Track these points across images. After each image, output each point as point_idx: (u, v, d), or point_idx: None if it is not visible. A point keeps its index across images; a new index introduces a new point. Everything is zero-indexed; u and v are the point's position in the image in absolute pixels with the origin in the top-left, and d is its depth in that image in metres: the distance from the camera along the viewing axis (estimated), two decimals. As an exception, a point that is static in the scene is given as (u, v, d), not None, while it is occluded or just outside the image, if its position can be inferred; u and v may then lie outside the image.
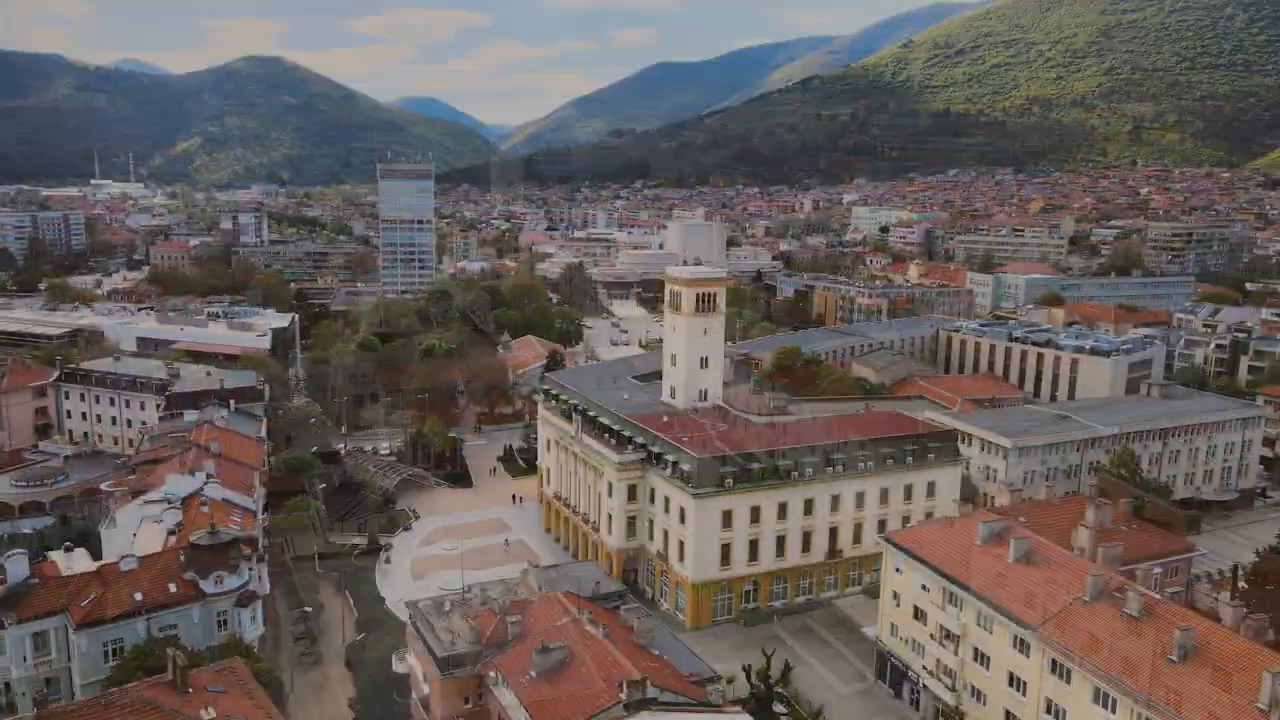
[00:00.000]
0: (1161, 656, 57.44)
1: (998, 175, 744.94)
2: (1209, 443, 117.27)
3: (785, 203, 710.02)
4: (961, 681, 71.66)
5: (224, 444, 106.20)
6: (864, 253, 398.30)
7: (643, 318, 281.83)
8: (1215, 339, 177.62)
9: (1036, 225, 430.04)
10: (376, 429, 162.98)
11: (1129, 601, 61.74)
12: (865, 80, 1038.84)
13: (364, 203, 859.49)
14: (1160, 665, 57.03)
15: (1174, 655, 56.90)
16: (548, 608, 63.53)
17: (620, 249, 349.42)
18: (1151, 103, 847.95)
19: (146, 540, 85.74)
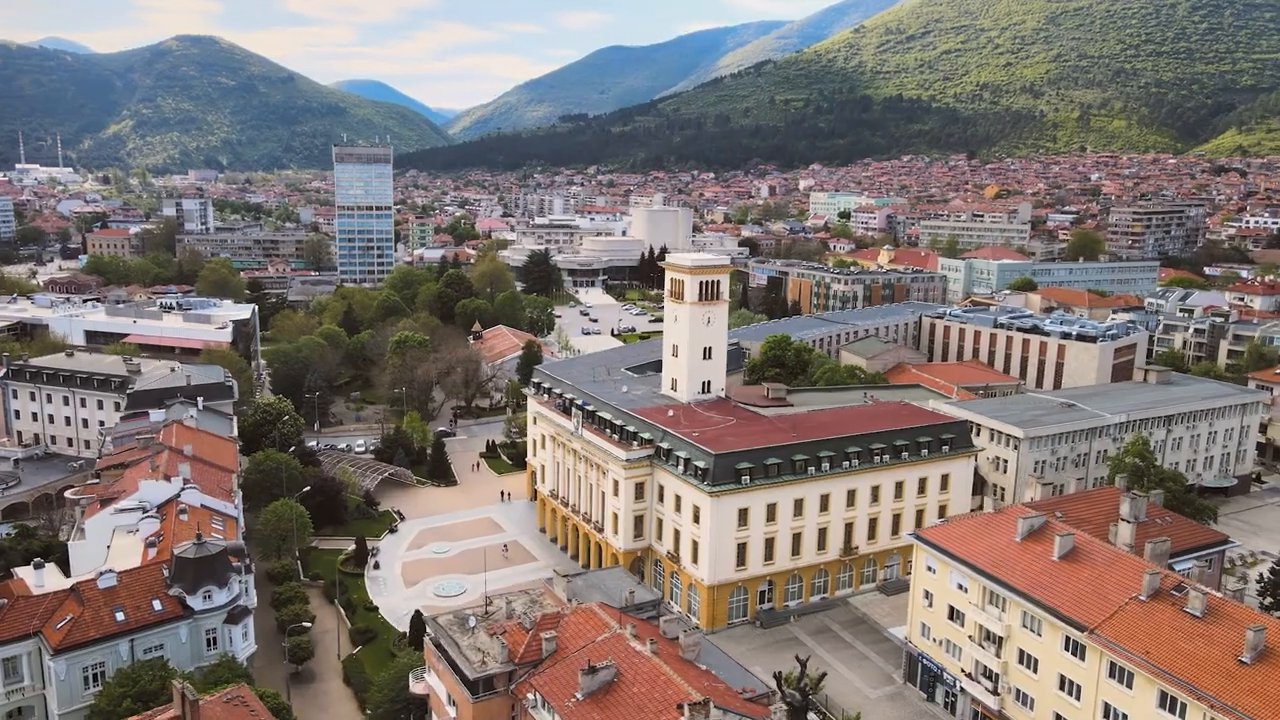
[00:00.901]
0: (1233, 658, 55.46)
1: (951, 161, 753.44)
2: (1210, 429, 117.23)
3: (742, 188, 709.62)
4: (1005, 685, 69.29)
5: (196, 446, 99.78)
6: (826, 238, 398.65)
7: (611, 306, 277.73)
8: (1194, 323, 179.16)
9: (995, 211, 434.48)
10: (348, 425, 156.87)
11: (1190, 600, 59.72)
12: (818, 65, 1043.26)
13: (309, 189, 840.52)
14: (1233, 667, 55.03)
15: (1245, 656, 54.94)
16: (583, 621, 59.48)
17: (583, 236, 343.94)
18: (1098, 89, 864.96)
19: (122, 553, 79.67)
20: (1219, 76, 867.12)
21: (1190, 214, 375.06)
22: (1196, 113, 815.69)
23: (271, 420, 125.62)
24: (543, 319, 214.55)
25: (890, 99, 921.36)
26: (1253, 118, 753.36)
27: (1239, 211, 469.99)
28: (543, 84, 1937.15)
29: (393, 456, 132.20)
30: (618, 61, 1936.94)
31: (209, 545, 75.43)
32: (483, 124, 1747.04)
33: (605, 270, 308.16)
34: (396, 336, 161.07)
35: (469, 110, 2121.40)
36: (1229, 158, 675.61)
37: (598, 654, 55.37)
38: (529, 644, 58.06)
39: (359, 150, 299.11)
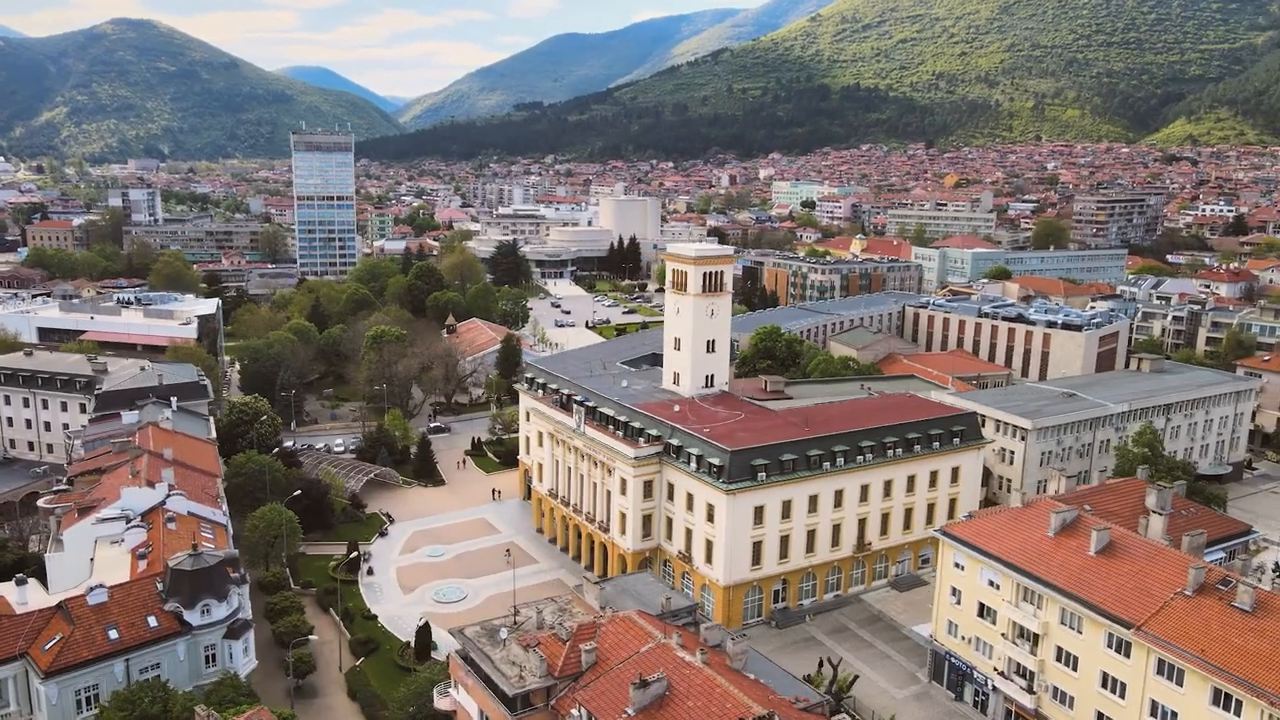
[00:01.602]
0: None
1: (910, 150, 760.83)
2: (1206, 416, 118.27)
3: (702, 177, 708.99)
4: (1041, 683, 68.39)
5: (175, 449, 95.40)
6: (793, 227, 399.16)
7: (582, 297, 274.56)
8: (1172, 311, 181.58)
9: (958, 200, 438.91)
10: (323, 424, 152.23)
11: (1238, 594, 59.15)
12: (775, 54, 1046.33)
13: (257, 178, 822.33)
14: (1290, 663, 54.47)
15: (1302, 652, 54.42)
16: (622, 630, 57.06)
17: (550, 226, 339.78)
18: (1051, 79, 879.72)
19: (108, 566, 75.36)
20: (1168, 67, 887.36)
21: (1150, 202, 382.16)
22: (1147, 102, 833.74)
23: (248, 420, 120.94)
24: (517, 311, 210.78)
25: (848, 88, 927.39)
26: (1201, 107, 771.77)
27: (1192, 200, 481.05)
28: (495, 72, 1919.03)
29: (376, 456, 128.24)
30: (571, 49, 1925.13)
31: (206, 556, 71.68)
32: (434, 112, 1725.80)
33: (574, 261, 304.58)
34: (372, 331, 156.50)
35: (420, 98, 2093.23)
36: (1180, 147, 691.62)
37: (644, 665, 53.02)
38: (567, 656, 55.49)
39: (318, 138, 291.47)
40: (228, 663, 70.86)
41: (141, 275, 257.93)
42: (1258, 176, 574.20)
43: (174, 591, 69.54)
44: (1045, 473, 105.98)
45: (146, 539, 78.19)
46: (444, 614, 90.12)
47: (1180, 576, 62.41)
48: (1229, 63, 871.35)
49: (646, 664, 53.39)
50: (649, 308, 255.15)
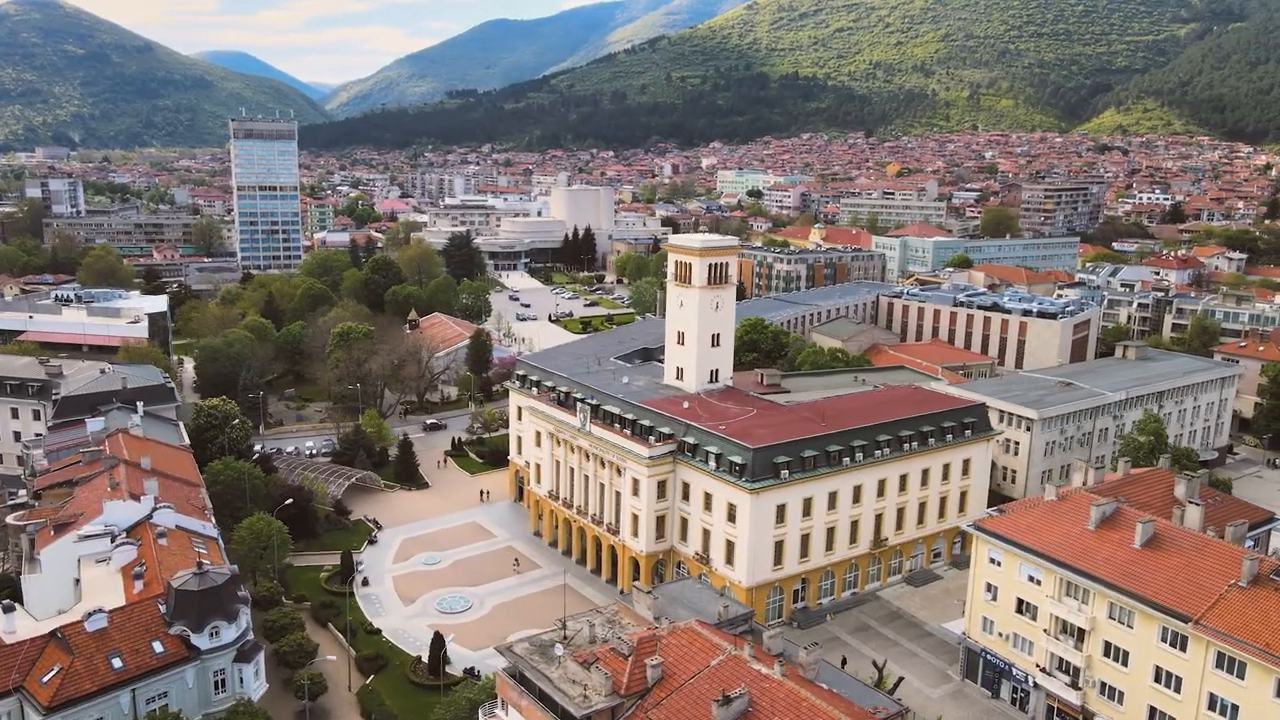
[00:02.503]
0: (1354, 644, 55.25)
1: (850, 139, 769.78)
2: (1194, 402, 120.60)
3: (644, 167, 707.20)
4: (1088, 679, 68.13)
5: (152, 458, 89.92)
6: (744, 216, 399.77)
7: (539, 289, 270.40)
8: (1137, 298, 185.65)
9: (905, 189, 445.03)
10: (289, 426, 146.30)
11: (1295, 585, 59.42)
12: (713, 42, 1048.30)
13: (178, 168, 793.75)
14: (1357, 654, 54.80)
15: (1367, 642, 54.77)
16: (686, 642, 54.73)
17: (500, 217, 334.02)
18: (985, 69, 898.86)
19: (99, 588, 70.39)
20: (1096, 58, 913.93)
21: (1093, 191, 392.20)
22: (1077, 92, 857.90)
23: (217, 424, 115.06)
24: (478, 305, 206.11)
25: (786, 76, 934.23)
26: (1129, 98, 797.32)
27: (1127, 188, 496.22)
28: (424, 58, 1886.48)
29: (353, 459, 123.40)
30: (503, 35, 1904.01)
31: (212, 574, 67.28)
32: (362, 100, 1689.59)
33: (527, 253, 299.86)
34: (338, 328, 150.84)
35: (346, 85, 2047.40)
36: (1111, 136, 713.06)
37: (719, 680, 50.84)
38: (632, 672, 52.94)
39: (259, 125, 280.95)
40: (238, 688, 66.70)
41: (68, 271, 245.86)
42: (1186, 165, 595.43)
43: (179, 614, 65.10)
44: (1049, 463, 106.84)
45: (138, 556, 73.19)
46: (451, 625, 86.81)
47: (1232, 568, 62.55)
48: (1154, 54, 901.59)
49: (721, 678, 51.22)
50: (610, 300, 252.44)
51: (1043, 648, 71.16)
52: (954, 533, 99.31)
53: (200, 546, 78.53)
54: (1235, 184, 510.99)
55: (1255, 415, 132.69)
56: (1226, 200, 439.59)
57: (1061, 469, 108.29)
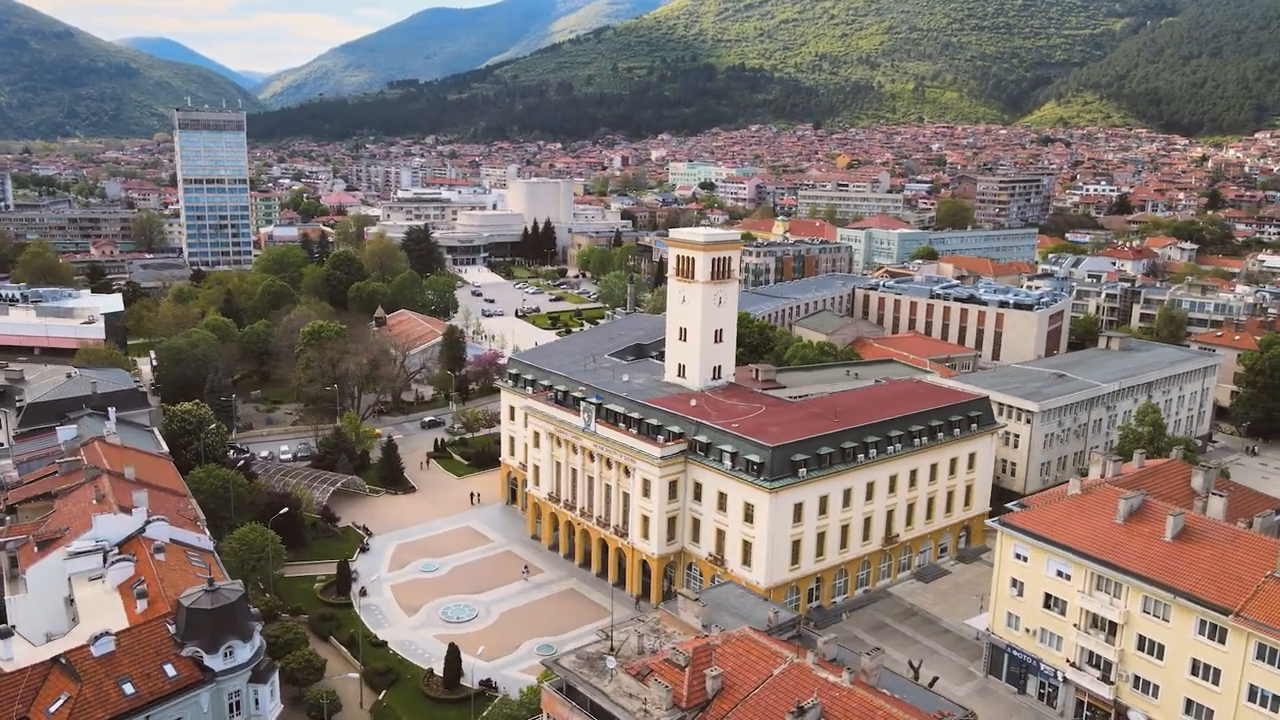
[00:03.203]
0: (1397, 633, 56.18)
1: (798, 130, 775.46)
2: (1180, 392, 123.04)
3: (593, 159, 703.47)
4: (1121, 673, 68.55)
5: (135, 467, 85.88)
6: (700, 209, 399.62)
7: (501, 284, 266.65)
8: (1105, 289, 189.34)
9: (859, 180, 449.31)
10: (259, 429, 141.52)
11: (1332, 575, 60.30)
12: (659, 33, 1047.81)
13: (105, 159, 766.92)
14: (1401, 642, 55.73)
15: None
16: (744, 651, 53.40)
17: (457, 210, 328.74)
18: (929, 61, 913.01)
19: (98, 608, 66.64)
20: (1036, 51, 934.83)
21: (1044, 183, 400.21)
22: (1019, 85, 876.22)
23: (191, 430, 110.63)
24: (444, 301, 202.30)
25: (733, 68, 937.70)
26: (1069, 91, 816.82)
27: (1071, 180, 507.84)
28: (361, 47, 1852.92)
29: (335, 463, 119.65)
30: (442, 24, 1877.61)
31: (224, 591, 63.99)
32: (297, 90, 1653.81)
33: (486, 246, 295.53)
34: (309, 327, 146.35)
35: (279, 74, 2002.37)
36: (1053, 129, 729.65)
37: (785, 690, 49.65)
38: (691, 684, 51.47)
39: (205, 116, 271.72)
40: (254, 710, 63.68)
41: (3, 268, 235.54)
42: (1126, 157, 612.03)
43: (191, 634, 61.76)
44: (1048, 455, 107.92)
45: (135, 573, 69.54)
46: (459, 635, 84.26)
47: (1267, 559, 63.30)
48: (1091, 48, 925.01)
49: (786, 688, 50.04)
50: (575, 294, 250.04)
51: (1072, 642, 71.43)
52: (960, 527, 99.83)
53: (197, 560, 75.12)
54: (1174, 175, 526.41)
55: (1233, 404, 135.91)
56: (1168, 191, 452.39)
57: (1059, 461, 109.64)
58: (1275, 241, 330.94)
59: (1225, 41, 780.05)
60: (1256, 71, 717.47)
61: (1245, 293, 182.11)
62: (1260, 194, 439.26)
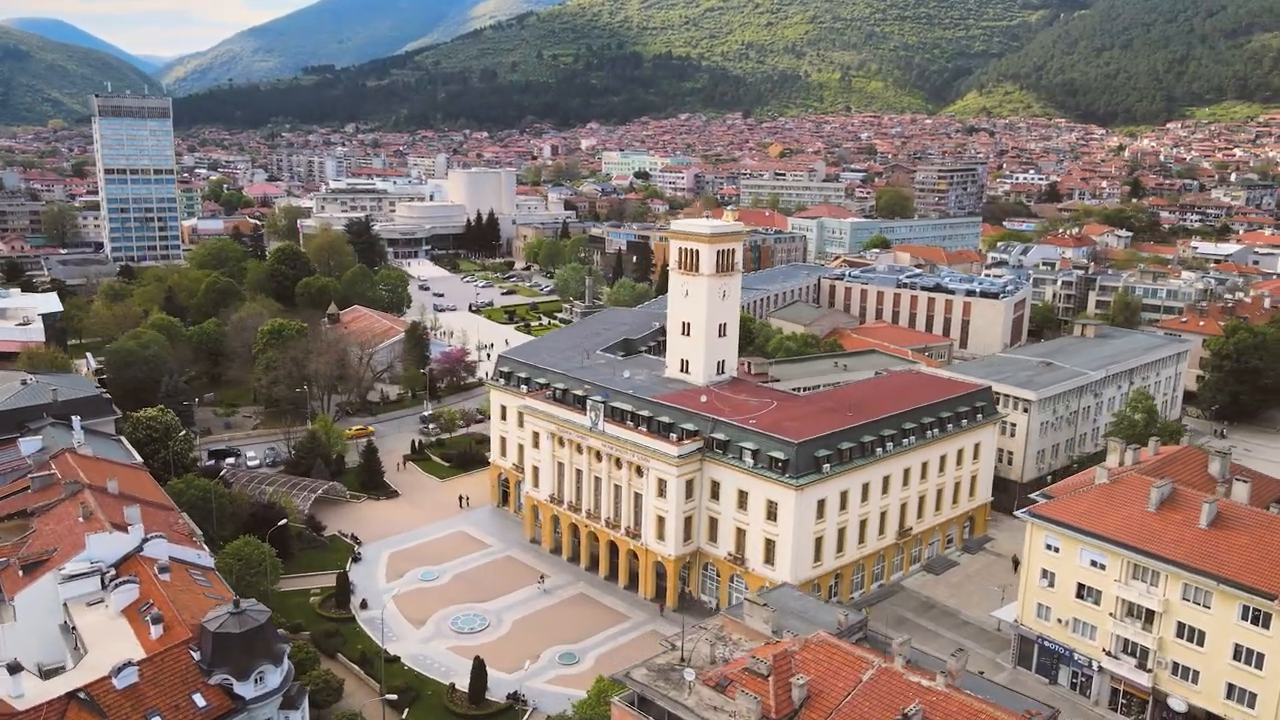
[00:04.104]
0: None
1: (728, 119, 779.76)
2: (1156, 377, 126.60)
3: (521, 148, 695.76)
4: (1159, 660, 69.73)
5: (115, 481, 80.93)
6: (640, 199, 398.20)
7: (447, 278, 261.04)
8: (1061, 276, 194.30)
9: (795, 170, 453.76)
10: (218, 434, 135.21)
11: (1371, 558, 62.15)
12: (583, 19, 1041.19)
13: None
14: None
15: None
16: (824, 656, 52.33)
17: (395, 201, 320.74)
18: (854, 51, 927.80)
19: (105, 636, 62.13)
20: (956, 42, 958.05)
21: (978, 172, 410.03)
22: (941, 75, 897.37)
23: (158, 438, 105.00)
24: (398, 297, 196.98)
25: (660, 56, 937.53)
26: (989, 81, 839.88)
27: (998, 169, 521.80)
28: (271, 31, 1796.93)
29: (310, 468, 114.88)
30: (355, 8, 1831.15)
31: (251, 613, 60.25)
32: (202, 75, 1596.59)
33: (428, 239, 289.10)
34: (268, 325, 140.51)
35: (182, 59, 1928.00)
36: (976, 118, 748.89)
37: (879, 696, 48.78)
38: (777, 694, 50.21)
39: (128, 102, 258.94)
40: (284, 738, 60.23)
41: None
42: (1048, 146, 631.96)
43: (219, 660, 58.04)
44: (1043, 443, 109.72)
45: (142, 596, 65.21)
46: (475, 646, 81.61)
47: (1305, 543, 65.02)
48: (1008, 39, 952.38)
49: (880, 694, 49.17)
50: (528, 287, 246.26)
51: (1108, 631, 72.41)
52: (965, 518, 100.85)
53: (200, 579, 71.09)
54: (1095, 164, 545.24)
55: (1200, 388, 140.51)
56: (1091, 180, 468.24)
57: (1052, 449, 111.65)
58: (1199, 228, 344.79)
59: (1135, 34, 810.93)
60: (1166, 64, 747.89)
61: (1192, 278, 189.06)
62: (1178, 182, 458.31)
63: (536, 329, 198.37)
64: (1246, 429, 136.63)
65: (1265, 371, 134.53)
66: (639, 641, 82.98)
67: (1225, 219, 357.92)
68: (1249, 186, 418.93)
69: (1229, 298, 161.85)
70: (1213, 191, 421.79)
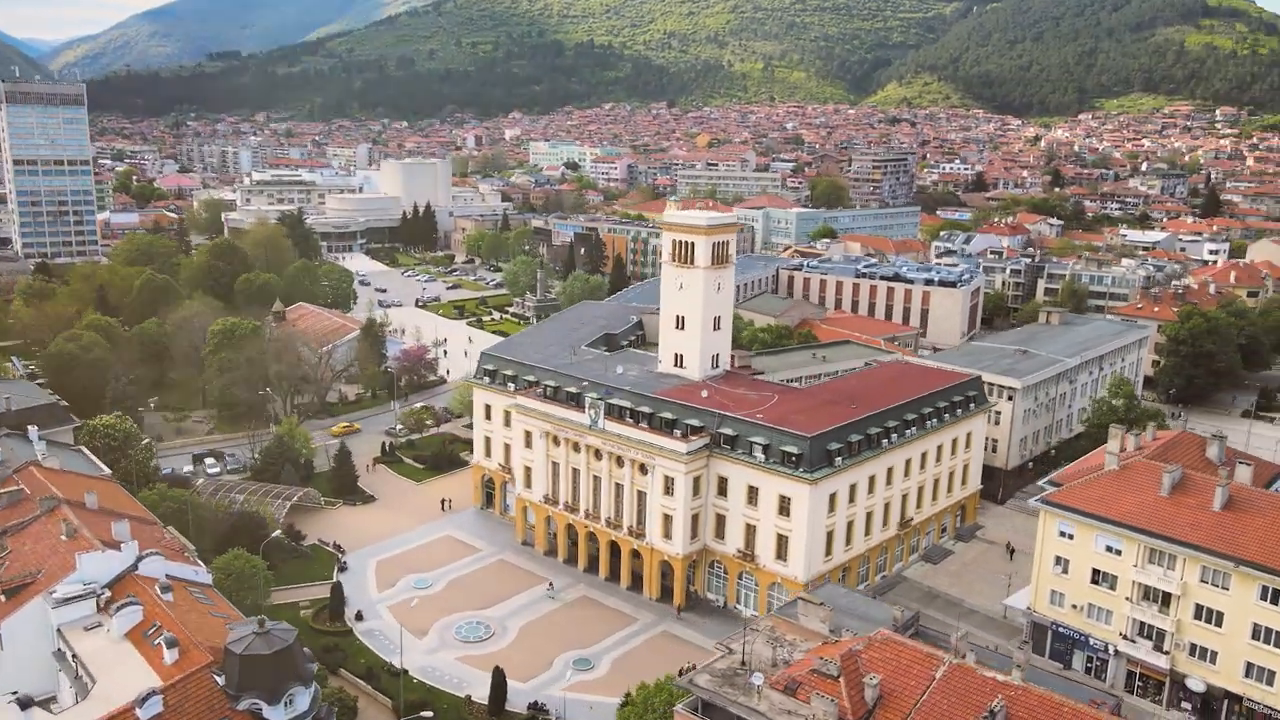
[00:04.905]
0: None
1: (653, 109, 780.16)
2: (1122, 363, 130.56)
3: (443, 138, 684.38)
4: (1176, 642, 71.61)
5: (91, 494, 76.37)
6: (576, 190, 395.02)
7: (386, 272, 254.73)
8: (1009, 265, 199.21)
9: (728, 160, 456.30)
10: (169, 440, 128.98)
11: (1383, 536, 64.79)
12: (502, 6, 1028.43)
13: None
14: None
15: None
16: (890, 655, 52.05)
17: (324, 193, 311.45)
18: (776, 41, 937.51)
19: (110, 663, 58.63)
20: (875, 33, 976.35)
21: (909, 162, 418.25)
22: (861, 66, 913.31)
23: (116, 446, 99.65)
24: (344, 293, 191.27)
25: (582, 45, 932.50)
26: (908, 72, 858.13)
27: (923, 158, 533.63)
28: (169, 14, 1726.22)
29: (279, 474, 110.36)
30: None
31: (278, 633, 57.22)
32: (94, 60, 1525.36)
33: (362, 232, 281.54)
34: (219, 324, 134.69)
35: (71, 43, 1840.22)
36: (898, 109, 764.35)
37: (956, 693, 48.71)
38: (850, 695, 49.73)
39: (38, 88, 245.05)
40: (314, 763, 57.41)
41: None
42: (968, 137, 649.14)
43: (247, 684, 54.93)
44: (1025, 430, 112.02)
45: (146, 618, 61.48)
46: (483, 655, 79.60)
47: (1318, 523, 67.45)
48: (924, 30, 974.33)
49: (957, 691, 49.10)
50: (473, 281, 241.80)
51: (1124, 615, 74.06)
52: (957, 507, 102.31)
53: (200, 597, 67.56)
54: (1014, 155, 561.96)
55: (1156, 372, 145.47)
56: (1013, 170, 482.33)
57: (1033, 435, 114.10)
58: (1120, 217, 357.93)
59: (1045, 27, 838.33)
60: (1075, 56, 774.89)
61: (1133, 265, 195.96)
62: (1096, 172, 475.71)
63: (489, 324, 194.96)
64: (1201, 411, 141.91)
65: (1217, 355, 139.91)
66: (653, 643, 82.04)
67: (1144, 207, 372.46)
68: (1163, 176, 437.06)
69: (1178, 285, 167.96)
70: (1129, 181, 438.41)
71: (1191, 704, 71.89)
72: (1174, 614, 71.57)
